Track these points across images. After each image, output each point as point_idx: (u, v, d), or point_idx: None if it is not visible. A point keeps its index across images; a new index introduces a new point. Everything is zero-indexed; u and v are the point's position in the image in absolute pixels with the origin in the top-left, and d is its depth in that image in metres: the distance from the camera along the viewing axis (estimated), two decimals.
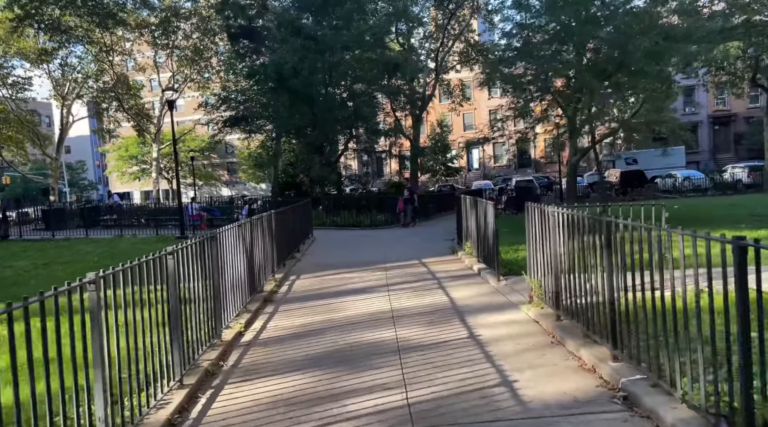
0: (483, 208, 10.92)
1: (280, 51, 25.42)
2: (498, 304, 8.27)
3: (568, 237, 6.23)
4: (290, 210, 14.73)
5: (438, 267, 12.11)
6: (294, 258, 14.49)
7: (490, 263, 10.47)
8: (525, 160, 69.78)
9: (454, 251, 14.39)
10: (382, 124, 31.30)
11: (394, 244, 17.67)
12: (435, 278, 10.88)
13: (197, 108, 40.88)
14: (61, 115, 46.99)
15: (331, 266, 13.19)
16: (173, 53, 46.94)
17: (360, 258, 14.45)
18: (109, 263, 4.59)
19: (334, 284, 10.81)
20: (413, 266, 12.61)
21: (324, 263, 13.98)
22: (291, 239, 14.69)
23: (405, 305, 8.52)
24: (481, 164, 70.87)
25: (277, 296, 10.08)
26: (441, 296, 9.12)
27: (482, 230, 11.08)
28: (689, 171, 43.76)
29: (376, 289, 10.03)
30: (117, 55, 46.95)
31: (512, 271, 10.25)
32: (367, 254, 15.21)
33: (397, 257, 14.12)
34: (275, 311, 8.80)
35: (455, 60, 43.63)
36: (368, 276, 11.50)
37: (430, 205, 31.68)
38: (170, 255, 5.41)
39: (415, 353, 6.08)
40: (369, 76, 28.59)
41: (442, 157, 44.10)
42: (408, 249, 15.99)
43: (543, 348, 6.04)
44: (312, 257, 15.24)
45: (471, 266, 11.76)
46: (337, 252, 16.27)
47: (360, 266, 12.96)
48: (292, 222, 14.86)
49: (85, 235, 23.39)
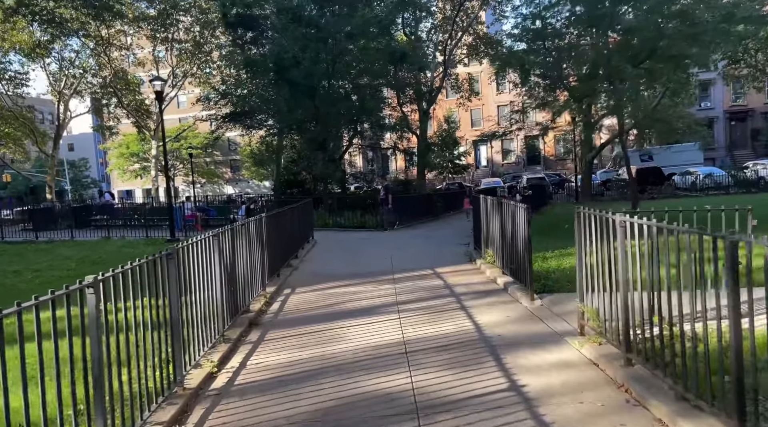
0: (510, 212, 9.23)
1: (279, 40, 23.74)
2: (538, 334, 6.59)
3: (651, 257, 4.57)
4: (287, 212, 13.09)
5: (455, 279, 10.44)
6: (290, 266, 12.85)
7: (520, 276, 8.80)
8: (534, 157, 67.99)
9: (471, 259, 12.71)
10: (388, 120, 29.59)
11: (403, 248, 16.01)
12: (453, 293, 9.21)
13: (195, 103, 39.27)
14: (57, 111, 45.64)
15: (331, 277, 11.55)
16: (172, 47, 45.49)
17: (365, 266, 12.79)
18: (88, 272, 3.94)
19: (334, 301, 9.16)
20: (426, 277, 10.94)
21: (324, 272, 12.33)
22: (288, 245, 13.06)
23: (420, 334, 6.85)
24: (489, 161, 69.11)
25: (265, 317, 8.43)
26: (463, 320, 7.46)
27: (509, 237, 9.41)
28: (708, 168, 41.87)
29: (384, 308, 8.37)
30: (115, 49, 45.65)
31: (547, 287, 8.58)
32: (373, 261, 13.55)
33: (406, 265, 12.47)
34: (260, 340, 7.15)
35: (463, 53, 41.92)
36: (374, 290, 9.83)
37: (439, 204, 30.02)
38: (90, 289, 3.76)
39: (441, 418, 4.42)
40: (374, 68, 26.89)
41: (449, 153, 42.37)
42: (418, 255, 14.33)
43: (618, 412, 4.36)
44: (311, 265, 13.59)
45: (494, 278, 10.08)
46: (339, 258, 14.62)
47: (364, 276, 11.31)
48: (289, 225, 13.22)
49: (70, 237, 21.83)
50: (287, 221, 12.97)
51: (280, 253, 11.92)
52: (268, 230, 10.59)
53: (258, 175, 68.67)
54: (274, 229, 11.23)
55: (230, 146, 79.08)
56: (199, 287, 6.24)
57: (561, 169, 63.25)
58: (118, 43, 44.81)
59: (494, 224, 10.55)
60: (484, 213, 11.78)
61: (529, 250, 8.16)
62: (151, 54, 48.11)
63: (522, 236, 8.45)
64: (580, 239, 6.16)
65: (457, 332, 6.88)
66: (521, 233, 8.48)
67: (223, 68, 40.49)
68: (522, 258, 8.55)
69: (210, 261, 6.73)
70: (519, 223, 8.61)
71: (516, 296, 8.54)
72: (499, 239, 10.16)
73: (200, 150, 75.21)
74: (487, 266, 11.11)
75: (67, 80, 44.06)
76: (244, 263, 8.37)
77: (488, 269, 10.85)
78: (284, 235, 12.48)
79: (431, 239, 18.40)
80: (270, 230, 10.74)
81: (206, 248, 6.62)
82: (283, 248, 12.30)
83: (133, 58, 48.60)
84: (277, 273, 11.39)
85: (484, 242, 11.87)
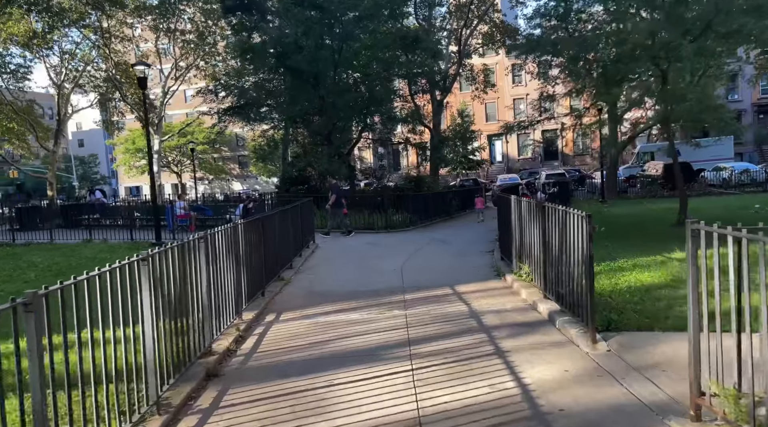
0: (558, 220, 7.01)
1: (280, 22, 21.60)
2: (619, 408, 4.40)
3: None
4: (275, 217, 10.94)
5: (483, 303, 8.25)
6: (282, 280, 10.72)
7: (572, 306, 6.60)
8: (551, 152, 65.47)
9: (499, 273, 10.51)
10: (400, 111, 27.30)
11: (415, 256, 13.83)
12: (482, 326, 7.03)
13: (195, 95, 37.34)
14: (58, 105, 44.10)
15: (328, 296, 9.41)
16: (175, 37, 43.73)
17: (369, 280, 10.63)
18: (48, 282, 3.48)
19: (326, 337, 7.00)
20: (445, 298, 8.76)
21: (320, 288, 10.18)
22: (278, 255, 10.95)
23: (442, 404, 4.68)
24: (504, 157, 66.67)
25: (231, 362, 6.29)
26: (502, 375, 5.27)
27: (555, 253, 7.21)
28: (743, 163, 39.21)
29: (391, 352, 6.21)
30: (117, 41, 44.11)
31: (610, 321, 6.37)
32: (379, 273, 11.39)
33: (420, 280, 10.30)
34: (214, 407, 5.02)
35: (478, 43, 39.58)
36: (379, 320, 7.67)
37: (453, 202, 27.80)
38: None
39: None
40: (385, 55, 24.67)
41: (463, 148, 40.05)
42: (434, 265, 12.15)
43: None
44: (306, 278, 11.44)
45: (533, 303, 7.89)
46: (339, 269, 12.46)
47: (368, 296, 9.15)
48: (280, 232, 11.10)
49: (49, 239, 19.90)
50: (277, 227, 10.83)
51: (268, 266, 9.80)
52: (249, 240, 8.47)
53: (266, 172, 66.83)
54: (258, 239, 9.11)
55: (238, 142, 77.39)
56: (113, 331, 4.14)
57: (579, 165, 60.71)
58: (120, 34, 43.18)
59: (532, 234, 8.34)
60: (515, 218, 9.56)
61: (590, 275, 5.95)
62: (155, 46, 46.44)
63: (578, 254, 6.24)
64: (694, 271, 3.96)
65: (496, 400, 4.69)
66: (577, 250, 6.27)
67: (227, 59, 38.59)
68: (577, 284, 6.34)
69: (138, 290, 4.64)
70: (573, 236, 6.40)
71: (569, 334, 6.34)
72: (540, 253, 7.95)
73: (207, 145, 73.60)
74: (522, 284, 8.91)
75: (68, 73, 42.66)
76: (203, 289, 6.26)
77: (523, 288, 8.65)
78: (272, 244, 10.36)
79: (448, 244, 16.20)
80: (251, 240, 8.62)
81: (131, 275, 4.52)
82: (271, 259, 10.19)
83: (137, 50, 46.90)
84: (261, 291, 9.27)
85: (516, 253, 9.66)
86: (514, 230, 9.70)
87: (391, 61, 24.78)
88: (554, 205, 7.21)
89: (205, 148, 73.45)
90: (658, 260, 10.16)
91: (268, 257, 9.92)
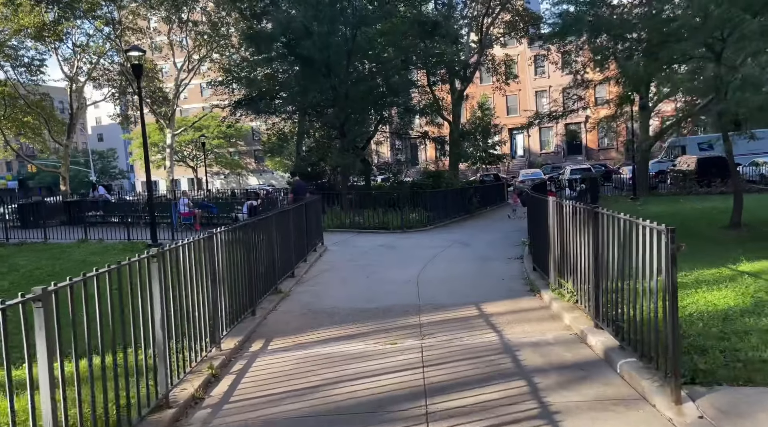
0: (619, 232, 5.41)
1: (288, 5, 20.10)
2: None
3: None
4: (274, 219, 9.46)
5: (516, 331, 6.69)
6: (279, 293, 9.27)
7: (639, 345, 5.01)
8: (575, 146, 63.29)
9: (532, 288, 8.92)
10: (418, 102, 25.64)
11: (433, 263, 12.27)
12: (520, 368, 5.47)
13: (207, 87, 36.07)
14: (70, 99, 43.34)
15: (329, 315, 7.93)
16: (188, 28, 42.70)
17: (379, 295, 9.12)
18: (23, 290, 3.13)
19: (320, 380, 5.48)
20: (468, 323, 7.20)
21: (320, 305, 8.68)
22: (277, 263, 9.51)
23: None
24: (526, 151, 64.62)
25: (193, 419, 4.83)
26: None
27: (611, 272, 5.62)
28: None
29: (401, 409, 4.68)
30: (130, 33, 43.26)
31: (695, 372, 4.77)
32: (392, 285, 9.87)
33: (439, 296, 8.77)
34: None
35: (500, 32, 37.72)
36: (388, 354, 6.12)
37: (474, 199, 26.13)
38: None
39: None
40: (401, 42, 23.03)
41: (483, 142, 38.27)
42: (455, 276, 10.58)
43: None
44: (307, 290, 9.95)
45: (580, 331, 6.31)
46: (347, 279, 10.95)
47: (376, 317, 7.65)
48: (278, 237, 9.64)
49: (43, 238, 18.73)
50: (275, 231, 9.37)
51: (261, 278, 8.36)
52: (232, 252, 7.01)
53: (282, 166, 65.66)
54: (247, 248, 7.65)
55: (254, 136, 76.46)
56: None
57: (603, 159, 58.51)
58: (133, 26, 42.29)
59: (578, 246, 6.74)
60: (554, 224, 7.96)
61: (674, 311, 4.36)
62: (167, 38, 45.49)
63: (651, 278, 4.66)
64: None
65: None
66: (649, 274, 4.69)
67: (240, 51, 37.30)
68: (647, 317, 4.77)
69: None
70: (643, 254, 4.81)
71: (639, 386, 4.75)
72: (589, 271, 6.36)
73: (223, 140, 72.73)
74: (563, 305, 7.34)
75: (81, 66, 42.04)
76: (156, 321, 4.81)
77: (565, 312, 7.07)
78: (268, 252, 8.90)
79: (469, 247, 14.62)
80: (236, 252, 7.16)
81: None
82: (266, 270, 8.74)
83: (150, 41, 45.95)
84: (252, 310, 7.82)
85: (555, 266, 8.07)
86: (552, 238, 8.11)
87: (409, 48, 23.15)
88: (613, 214, 5.61)
89: (220, 143, 72.57)
90: (725, 273, 8.50)
91: (262, 267, 8.47)
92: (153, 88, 45.86)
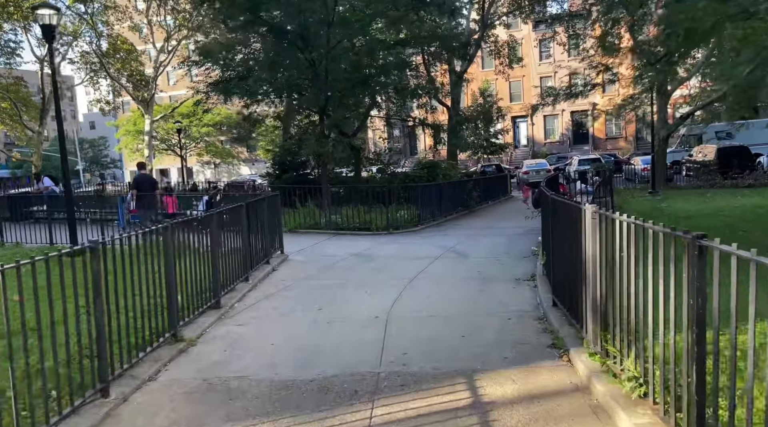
0: None
1: None
2: None
3: None
4: (170, 231, 6.39)
5: None
6: (179, 341, 6.22)
7: None
8: (581, 135, 60.05)
9: (554, 340, 5.84)
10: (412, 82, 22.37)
11: (416, 283, 9.15)
12: None
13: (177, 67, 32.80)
14: (41, 83, 40.28)
15: (223, 404, 4.83)
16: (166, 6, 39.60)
17: (324, 348, 6.03)
18: None
19: None
20: (455, 422, 4.19)
21: (227, 371, 5.49)
22: (185, 293, 6.47)
23: None
24: (529, 140, 61.36)
25: None
26: None
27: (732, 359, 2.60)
28: None
29: None
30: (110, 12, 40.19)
31: None
32: (349, 326, 6.81)
33: (414, 348, 5.71)
34: None
35: (503, 11, 34.43)
36: None
37: (474, 193, 23.05)
38: None
39: None
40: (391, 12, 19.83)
41: (485, 131, 35.05)
42: (442, 308, 7.49)
43: None
44: (226, 334, 6.84)
45: None
46: (289, 314, 7.83)
47: (301, 407, 4.60)
48: (186, 259, 6.59)
49: None
50: (171, 250, 6.30)
51: (139, 322, 5.32)
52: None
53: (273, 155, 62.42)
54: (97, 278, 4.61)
55: None
56: None
57: (611, 149, 55.30)
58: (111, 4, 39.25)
59: (659, 299, 3.68)
60: (594, 248, 4.87)
61: None
62: (146, 17, 42.32)
63: None
64: None
65: None
66: None
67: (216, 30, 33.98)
68: None
69: None
70: None
71: None
72: (684, 350, 3.32)
73: (212, 128, 69.53)
74: (614, 390, 4.28)
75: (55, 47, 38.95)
76: None
77: (622, 408, 4.01)
78: (154, 284, 5.86)
79: (466, 258, 11.52)
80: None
81: None
82: (151, 308, 5.71)
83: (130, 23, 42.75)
84: (101, 388, 4.78)
85: (596, 314, 4.97)
86: (589, 269, 5.01)
87: (399, 19, 19.92)
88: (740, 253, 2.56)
89: (209, 131, 69.34)
90: None
91: (147, 300, 5.42)
92: (131, 69, 42.78)
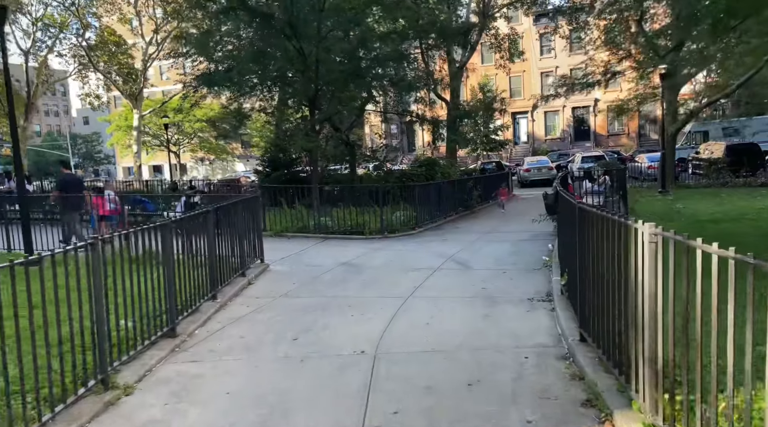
0: None
1: None
2: None
3: None
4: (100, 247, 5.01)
5: None
6: (112, 389, 4.88)
7: None
8: (583, 131, 58.73)
9: (591, 398, 4.46)
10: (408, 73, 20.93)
11: (412, 304, 7.78)
12: None
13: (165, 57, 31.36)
14: (26, 76, 38.93)
15: None
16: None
17: (292, 401, 4.69)
18: None
19: None
20: None
21: None
22: (121, 325, 5.11)
23: None
24: (529, 137, 60.00)
25: None
26: None
27: None
28: None
29: None
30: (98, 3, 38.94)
31: None
32: (328, 365, 5.44)
33: (406, 406, 4.37)
34: None
35: (503, 3, 33.02)
36: None
37: (475, 192, 21.73)
38: None
39: None
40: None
41: (485, 127, 33.69)
42: (443, 342, 6.12)
43: None
44: (169, 380, 5.46)
45: None
46: (256, 347, 6.41)
47: None
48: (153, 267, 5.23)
49: None
50: (100, 269, 4.93)
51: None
52: None
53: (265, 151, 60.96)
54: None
55: None
56: None
57: (613, 146, 53.91)
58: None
59: None
60: (650, 284, 3.51)
61: None
62: (134, 7, 40.93)
63: None
64: None
65: None
66: None
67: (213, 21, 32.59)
68: None
69: None
70: None
71: None
72: None
73: (205, 124, 68.08)
74: None
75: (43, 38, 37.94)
76: None
77: None
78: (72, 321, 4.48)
79: (469, 270, 10.13)
80: None
81: None
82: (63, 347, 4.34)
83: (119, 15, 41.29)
84: None
85: (656, 375, 3.63)
86: (643, 307, 3.65)
87: (394, 6, 18.50)
88: None
89: (202, 126, 67.91)
90: None
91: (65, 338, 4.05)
92: (119, 63, 41.43)
